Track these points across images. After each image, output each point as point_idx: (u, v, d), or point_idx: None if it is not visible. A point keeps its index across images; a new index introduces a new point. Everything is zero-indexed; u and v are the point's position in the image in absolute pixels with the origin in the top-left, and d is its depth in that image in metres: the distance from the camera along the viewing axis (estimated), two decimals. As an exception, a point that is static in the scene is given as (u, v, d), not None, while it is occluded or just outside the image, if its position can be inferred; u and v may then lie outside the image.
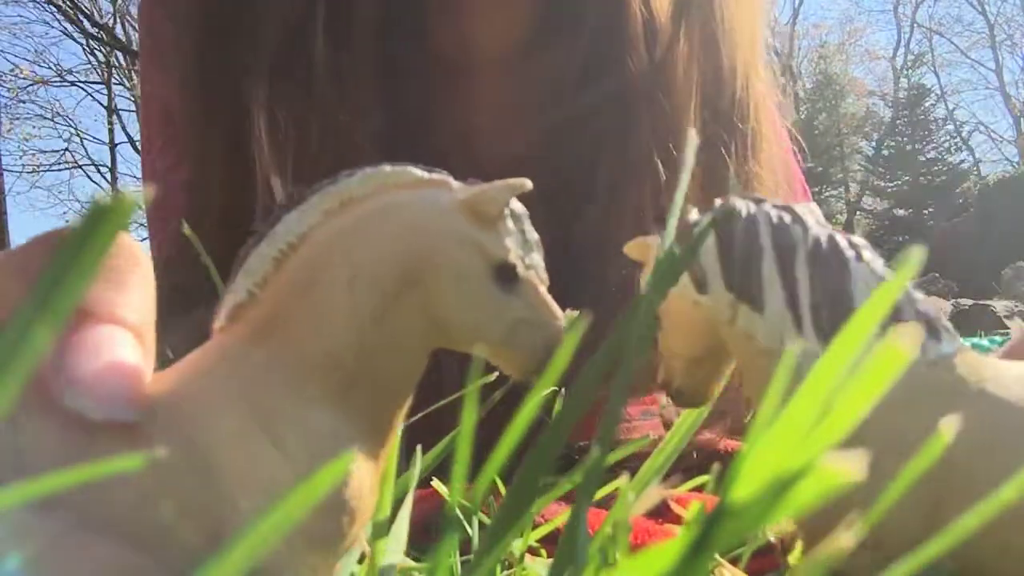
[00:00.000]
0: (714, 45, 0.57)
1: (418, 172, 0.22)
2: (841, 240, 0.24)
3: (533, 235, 0.23)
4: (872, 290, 0.23)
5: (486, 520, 0.30)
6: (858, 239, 0.24)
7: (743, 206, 0.25)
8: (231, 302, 0.21)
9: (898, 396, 0.21)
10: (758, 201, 0.25)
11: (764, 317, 0.24)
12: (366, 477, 0.20)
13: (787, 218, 0.24)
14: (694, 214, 0.26)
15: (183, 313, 0.49)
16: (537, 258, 0.23)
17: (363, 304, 0.21)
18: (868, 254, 0.24)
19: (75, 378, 0.18)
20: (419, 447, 0.29)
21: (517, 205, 0.23)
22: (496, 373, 0.30)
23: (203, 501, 0.18)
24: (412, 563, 0.27)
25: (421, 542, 0.33)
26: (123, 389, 0.18)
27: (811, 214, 0.25)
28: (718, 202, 0.26)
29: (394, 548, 0.24)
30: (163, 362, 0.21)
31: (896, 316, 0.23)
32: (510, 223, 0.22)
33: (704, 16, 0.57)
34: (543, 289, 0.23)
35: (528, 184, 0.22)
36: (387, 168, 0.22)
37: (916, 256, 0.13)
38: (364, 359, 0.21)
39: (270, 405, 0.19)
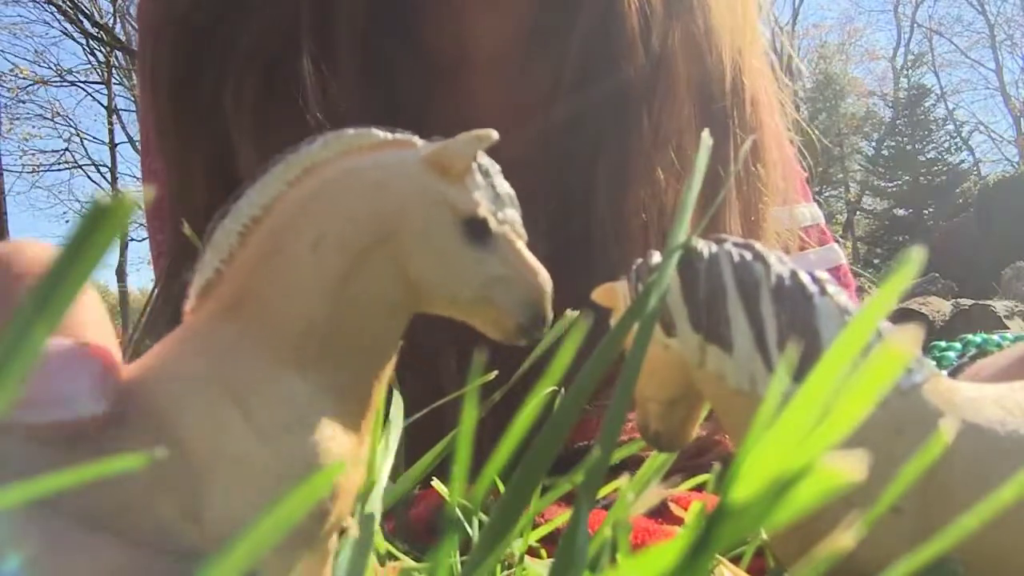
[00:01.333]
0: (705, 40, 0.56)
1: (381, 134, 0.22)
2: (804, 276, 0.24)
3: (505, 188, 0.22)
4: (838, 324, 0.23)
5: (486, 520, 0.30)
6: (822, 274, 0.24)
7: (704, 246, 0.25)
8: (200, 281, 0.21)
9: (877, 427, 0.21)
10: (719, 241, 0.25)
11: (733, 357, 0.24)
12: (345, 448, 0.20)
13: (748, 256, 0.24)
14: (655, 257, 0.26)
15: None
16: (512, 213, 0.22)
17: (330, 266, 0.20)
18: (832, 288, 0.24)
19: (32, 389, 0.17)
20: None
21: (486, 159, 0.22)
22: (496, 373, 0.30)
23: (177, 478, 0.18)
24: (412, 563, 0.27)
25: (422, 542, 0.34)
26: (86, 381, 0.18)
27: (773, 252, 0.25)
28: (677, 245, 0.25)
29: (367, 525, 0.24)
30: None
31: (865, 350, 0.22)
32: (479, 177, 0.22)
33: (693, 10, 0.56)
34: (520, 244, 0.22)
35: (494, 135, 0.21)
36: (350, 131, 0.21)
37: (916, 256, 0.13)
38: (336, 323, 0.20)
39: (241, 378, 0.19)
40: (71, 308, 0.19)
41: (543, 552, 0.32)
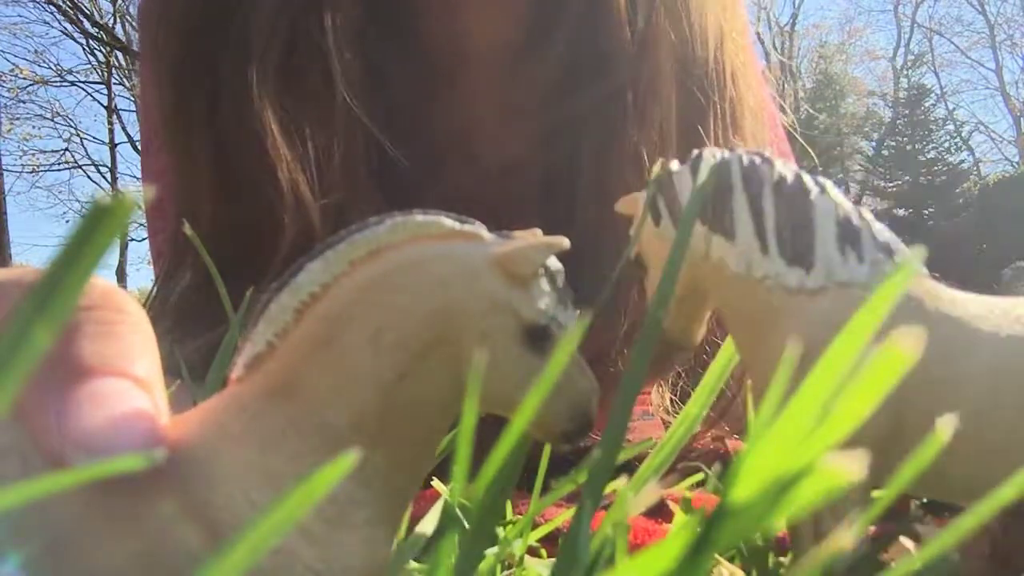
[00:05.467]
0: (687, 17, 0.56)
1: (450, 223, 0.21)
2: (806, 177, 0.26)
3: (568, 292, 0.22)
4: (832, 218, 0.25)
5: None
6: (825, 180, 0.26)
7: (717, 152, 0.28)
8: (250, 352, 0.21)
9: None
10: (731, 149, 0.28)
11: (735, 244, 0.26)
12: (380, 545, 0.20)
13: (757, 160, 0.27)
14: (674, 164, 0.29)
15: (194, 318, 0.49)
16: (571, 316, 0.22)
17: (387, 363, 0.20)
18: (833, 192, 0.26)
19: (83, 433, 0.17)
20: None
21: (552, 261, 0.22)
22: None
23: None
24: (412, 563, 0.27)
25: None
26: (141, 433, 0.17)
27: (782, 160, 0.27)
28: (695, 152, 0.28)
29: (406, 553, 0.24)
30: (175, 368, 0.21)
31: (855, 243, 0.25)
32: (544, 282, 0.21)
33: None
34: (574, 347, 0.22)
35: (565, 243, 0.21)
36: (418, 217, 0.21)
37: (916, 256, 0.13)
38: (386, 419, 0.20)
39: (284, 468, 0.19)
40: (120, 332, 0.19)
41: (543, 552, 0.32)
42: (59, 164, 14.39)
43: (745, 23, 0.61)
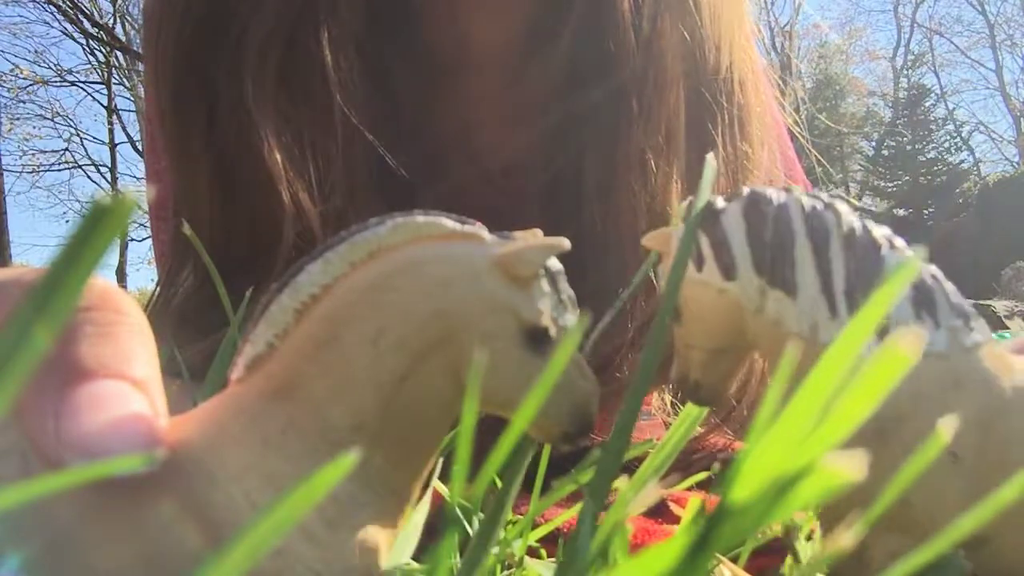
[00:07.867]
0: (693, 21, 0.56)
1: (450, 224, 0.21)
2: (875, 228, 0.24)
3: (568, 292, 0.22)
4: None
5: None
6: (886, 229, 0.24)
7: (773, 194, 0.25)
8: (250, 353, 0.21)
9: (934, 379, 0.22)
10: (787, 189, 0.25)
11: (796, 302, 0.24)
12: (380, 546, 0.20)
13: (819, 205, 0.24)
14: (719, 201, 0.26)
15: (195, 320, 0.49)
16: (571, 318, 0.22)
17: (388, 363, 0.20)
18: (899, 242, 0.24)
19: (81, 436, 0.17)
20: None
21: (553, 262, 0.22)
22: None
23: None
24: (412, 563, 0.27)
25: (422, 542, 0.33)
26: (139, 436, 0.17)
27: (842, 201, 0.25)
28: (746, 190, 0.25)
29: (401, 550, 0.24)
30: (173, 366, 0.21)
31: (931, 307, 0.23)
32: (544, 284, 0.21)
33: None
34: (574, 349, 0.22)
35: (566, 244, 0.21)
36: (419, 218, 0.21)
37: (916, 256, 0.13)
38: (387, 421, 0.20)
39: (286, 471, 0.19)
40: (119, 333, 0.19)
41: (543, 552, 0.32)
42: (59, 164, 14.40)
43: (751, 28, 0.61)
